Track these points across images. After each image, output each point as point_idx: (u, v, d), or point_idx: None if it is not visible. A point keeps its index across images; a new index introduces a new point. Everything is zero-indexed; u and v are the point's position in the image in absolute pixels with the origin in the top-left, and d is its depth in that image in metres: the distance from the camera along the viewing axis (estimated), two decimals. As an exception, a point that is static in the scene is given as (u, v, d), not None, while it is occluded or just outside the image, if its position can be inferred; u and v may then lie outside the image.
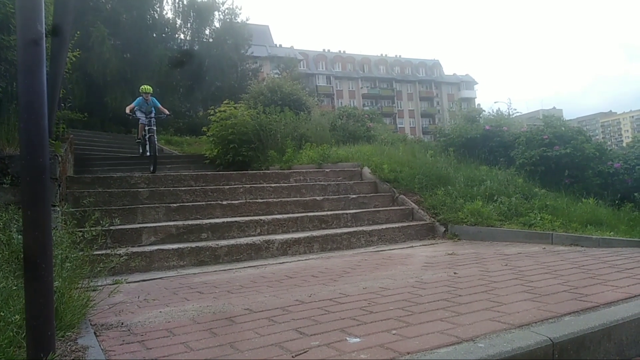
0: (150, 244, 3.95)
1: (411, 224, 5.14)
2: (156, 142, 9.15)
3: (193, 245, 3.92)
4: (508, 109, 8.95)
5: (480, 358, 1.49)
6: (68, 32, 4.72)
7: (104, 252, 3.32)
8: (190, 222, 4.35)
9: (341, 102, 59.29)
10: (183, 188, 5.24)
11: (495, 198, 5.26)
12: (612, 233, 4.12)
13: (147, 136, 9.17)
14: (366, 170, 6.61)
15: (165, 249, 3.77)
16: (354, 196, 5.71)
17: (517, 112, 9.46)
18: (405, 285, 2.62)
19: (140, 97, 9.87)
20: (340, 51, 74.83)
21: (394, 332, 1.77)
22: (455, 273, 2.92)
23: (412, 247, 4.48)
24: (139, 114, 9.73)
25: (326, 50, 73.84)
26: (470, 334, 1.70)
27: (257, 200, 5.21)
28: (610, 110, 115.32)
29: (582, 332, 1.72)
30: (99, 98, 18.00)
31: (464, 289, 2.43)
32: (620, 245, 3.75)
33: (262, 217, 4.73)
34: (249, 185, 5.60)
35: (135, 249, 3.69)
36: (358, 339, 1.70)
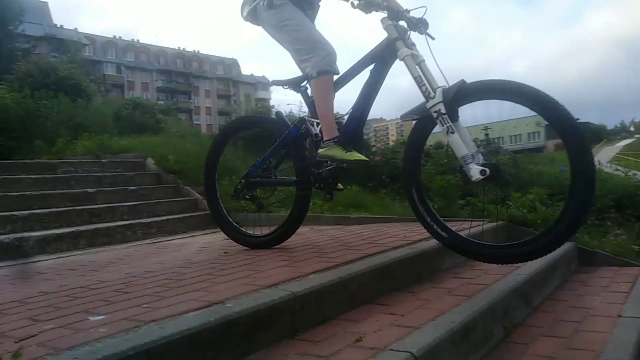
0: None
1: (194, 214, 5.08)
2: None
3: None
4: (299, 110, 9.78)
5: (227, 314, 1.56)
6: None
7: None
8: None
9: (132, 94, 55.03)
10: None
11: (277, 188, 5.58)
12: (367, 213, 4.81)
13: None
14: (150, 161, 6.28)
15: None
16: (133, 188, 5.36)
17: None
18: (172, 267, 2.58)
19: None
20: (133, 39, 69.68)
21: (144, 305, 1.72)
22: (225, 252, 3.00)
23: (192, 236, 4.44)
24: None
25: (117, 37, 67.89)
26: (222, 297, 1.76)
27: (10, 194, 4.44)
28: (381, 117, 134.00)
29: (321, 285, 1.95)
30: None
31: (230, 264, 2.51)
32: (371, 222, 4.39)
33: (16, 213, 4.05)
34: (0, 177, 4.74)
35: None
36: (102, 317, 1.60)
